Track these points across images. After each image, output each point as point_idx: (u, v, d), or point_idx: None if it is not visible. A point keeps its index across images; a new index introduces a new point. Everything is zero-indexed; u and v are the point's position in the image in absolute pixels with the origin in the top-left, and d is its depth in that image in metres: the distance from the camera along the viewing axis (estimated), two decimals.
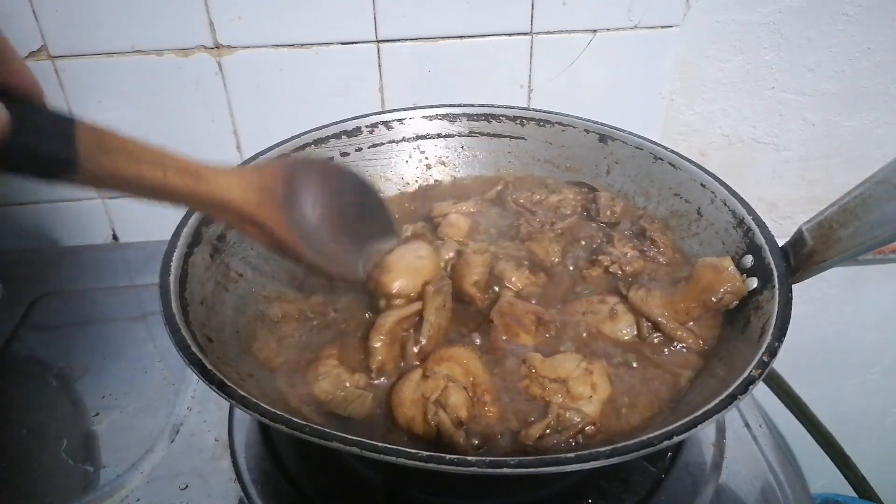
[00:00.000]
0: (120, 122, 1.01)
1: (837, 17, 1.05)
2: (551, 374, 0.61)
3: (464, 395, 0.58)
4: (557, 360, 0.63)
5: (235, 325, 0.67)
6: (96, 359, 0.85)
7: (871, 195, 0.55)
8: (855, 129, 1.17)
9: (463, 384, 0.59)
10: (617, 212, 0.83)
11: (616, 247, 0.77)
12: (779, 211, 1.26)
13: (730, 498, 0.68)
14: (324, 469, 0.69)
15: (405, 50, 1.01)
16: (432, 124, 0.92)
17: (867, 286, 1.35)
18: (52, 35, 0.93)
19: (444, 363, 0.61)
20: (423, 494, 0.66)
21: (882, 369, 1.49)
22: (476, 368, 0.61)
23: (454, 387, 0.58)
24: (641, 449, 0.47)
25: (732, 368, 0.57)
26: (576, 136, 0.89)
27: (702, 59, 1.07)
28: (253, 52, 0.97)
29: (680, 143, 1.16)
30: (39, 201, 1.08)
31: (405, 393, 0.59)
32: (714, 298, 0.65)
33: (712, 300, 0.65)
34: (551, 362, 0.62)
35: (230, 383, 0.51)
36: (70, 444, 0.74)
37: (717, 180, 0.76)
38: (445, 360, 0.61)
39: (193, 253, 0.66)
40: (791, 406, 1.17)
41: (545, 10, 0.99)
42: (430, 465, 0.45)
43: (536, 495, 0.67)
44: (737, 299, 0.65)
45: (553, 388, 0.60)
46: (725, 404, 0.50)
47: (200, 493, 0.67)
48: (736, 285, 0.64)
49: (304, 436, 0.47)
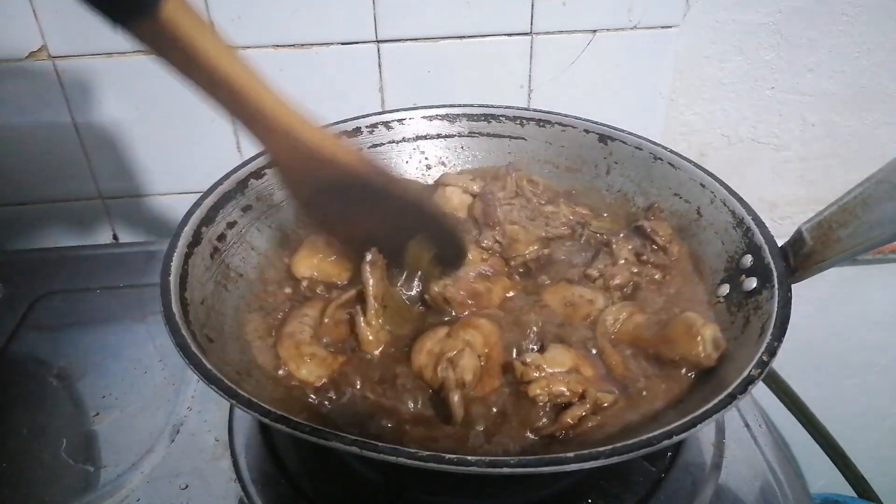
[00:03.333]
0: (120, 122, 1.02)
1: (837, 17, 1.05)
2: (561, 367, 0.61)
3: (475, 361, 0.61)
4: (554, 353, 0.63)
5: (235, 325, 0.68)
6: (96, 359, 0.85)
7: (870, 195, 0.55)
8: (855, 129, 1.17)
9: (479, 353, 0.62)
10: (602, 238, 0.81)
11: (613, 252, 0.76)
12: (778, 211, 1.26)
13: (729, 498, 0.68)
14: (324, 469, 0.69)
15: (405, 50, 1.01)
16: (432, 124, 0.92)
17: (867, 286, 1.35)
18: (52, 35, 0.93)
19: (468, 329, 0.65)
20: (423, 494, 0.66)
21: (882, 369, 1.49)
22: (496, 342, 0.64)
23: (469, 352, 0.62)
24: (641, 448, 0.47)
25: (732, 368, 0.57)
26: (576, 136, 0.89)
27: (702, 59, 1.07)
28: (253, 52, 0.97)
29: (680, 143, 1.16)
30: (39, 201, 1.08)
31: (426, 343, 0.64)
32: (669, 355, 0.62)
33: (667, 355, 0.62)
34: (552, 356, 0.62)
35: (230, 383, 0.51)
36: (70, 444, 0.74)
37: (716, 180, 0.76)
38: (472, 326, 0.65)
39: (193, 253, 0.66)
40: (791, 406, 1.17)
41: (545, 10, 0.99)
42: (430, 464, 0.45)
43: (536, 495, 0.67)
44: (694, 369, 0.61)
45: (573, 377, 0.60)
46: (725, 404, 0.50)
47: (200, 493, 0.67)
48: (696, 357, 0.60)
49: (304, 436, 0.47)
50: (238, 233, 0.75)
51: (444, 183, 0.87)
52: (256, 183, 0.78)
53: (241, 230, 0.75)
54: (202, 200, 0.71)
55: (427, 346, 0.63)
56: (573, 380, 0.60)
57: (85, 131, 1.02)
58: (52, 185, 1.06)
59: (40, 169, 1.04)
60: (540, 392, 0.59)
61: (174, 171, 1.07)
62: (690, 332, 0.61)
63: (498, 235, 0.77)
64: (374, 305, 0.66)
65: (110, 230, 1.13)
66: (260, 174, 0.79)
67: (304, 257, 0.75)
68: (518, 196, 0.84)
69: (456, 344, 0.62)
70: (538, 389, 0.59)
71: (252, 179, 0.78)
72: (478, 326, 0.65)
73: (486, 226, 0.79)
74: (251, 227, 0.77)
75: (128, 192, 1.09)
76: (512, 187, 0.85)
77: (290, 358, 0.64)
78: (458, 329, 0.65)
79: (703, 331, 0.60)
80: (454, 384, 0.59)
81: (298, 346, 0.64)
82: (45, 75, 0.96)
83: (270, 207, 0.80)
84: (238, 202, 0.76)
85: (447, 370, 0.60)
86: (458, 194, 0.85)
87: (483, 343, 0.64)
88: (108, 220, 1.11)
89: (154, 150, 1.05)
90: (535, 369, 0.61)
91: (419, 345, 0.64)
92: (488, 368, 0.63)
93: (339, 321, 0.68)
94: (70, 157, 1.03)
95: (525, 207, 0.83)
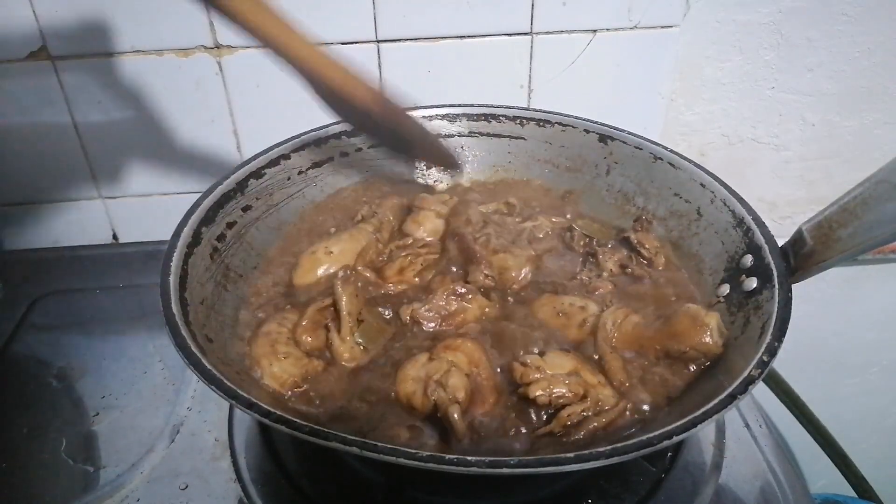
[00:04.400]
0: (120, 121, 1.02)
1: (837, 17, 1.05)
2: (562, 370, 0.61)
3: (464, 379, 0.60)
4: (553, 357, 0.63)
5: (235, 325, 0.68)
6: (96, 359, 0.85)
7: (870, 195, 0.55)
8: (855, 129, 1.17)
9: (466, 372, 0.61)
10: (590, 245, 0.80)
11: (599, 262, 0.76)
12: (779, 211, 1.26)
13: (729, 498, 0.68)
14: (324, 469, 0.69)
15: (405, 50, 1.00)
16: (432, 124, 0.92)
17: (867, 286, 1.35)
18: (52, 35, 0.93)
19: (450, 351, 0.63)
20: (423, 494, 0.66)
21: (882, 369, 1.49)
22: (480, 360, 0.63)
23: (456, 371, 0.60)
24: (641, 449, 0.47)
25: (732, 368, 0.57)
26: (575, 136, 0.89)
27: (702, 59, 1.07)
28: (253, 52, 0.97)
29: (680, 143, 1.16)
30: (39, 201, 1.08)
31: (409, 371, 0.62)
32: (678, 348, 0.62)
33: (675, 349, 0.62)
34: (552, 360, 0.62)
35: (230, 383, 0.51)
36: (70, 444, 0.74)
37: (716, 180, 0.76)
38: (452, 348, 0.64)
39: (193, 253, 0.66)
40: (791, 406, 1.17)
41: (545, 10, 0.99)
42: (430, 465, 0.45)
43: (536, 495, 0.67)
44: (705, 359, 0.62)
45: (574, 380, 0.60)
46: (725, 404, 0.50)
47: (200, 493, 0.67)
48: (706, 345, 0.61)
49: (304, 436, 0.47)
50: (238, 233, 0.75)
51: (419, 206, 0.84)
52: (256, 183, 0.78)
53: (241, 230, 0.75)
54: (202, 200, 0.71)
55: (411, 374, 0.61)
56: (574, 381, 0.59)
57: (85, 131, 1.02)
58: (52, 185, 1.06)
59: (40, 169, 1.04)
60: (541, 392, 0.58)
61: (174, 171, 1.07)
62: (696, 322, 0.62)
63: (486, 269, 0.73)
64: (349, 321, 0.66)
65: (110, 230, 1.13)
66: (260, 174, 0.79)
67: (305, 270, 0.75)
68: (487, 224, 0.81)
69: (441, 366, 0.61)
70: (539, 390, 0.58)
71: (252, 179, 0.78)
72: (459, 347, 0.64)
73: (471, 263, 0.74)
74: (251, 227, 0.77)
75: (128, 192, 1.09)
76: (478, 219, 0.81)
77: (262, 355, 0.63)
78: (440, 352, 0.63)
79: (707, 319, 0.62)
80: (449, 401, 0.57)
81: (273, 344, 0.64)
82: (45, 75, 0.96)
83: (270, 207, 0.80)
84: (238, 202, 0.76)
85: (437, 391, 0.58)
86: (432, 219, 0.83)
87: (468, 363, 0.62)
88: (108, 220, 1.11)
89: (154, 150, 1.05)
90: (536, 370, 0.60)
91: (402, 374, 0.62)
92: (479, 389, 0.60)
93: (318, 325, 0.67)
94: (70, 157, 1.03)
95: (501, 234, 0.79)
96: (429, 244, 0.79)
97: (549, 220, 0.84)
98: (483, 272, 0.73)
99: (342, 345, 0.65)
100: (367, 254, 0.77)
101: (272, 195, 0.80)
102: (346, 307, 0.66)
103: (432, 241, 0.81)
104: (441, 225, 0.82)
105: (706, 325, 0.61)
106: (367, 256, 0.77)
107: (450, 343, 0.64)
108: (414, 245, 0.79)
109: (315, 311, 0.67)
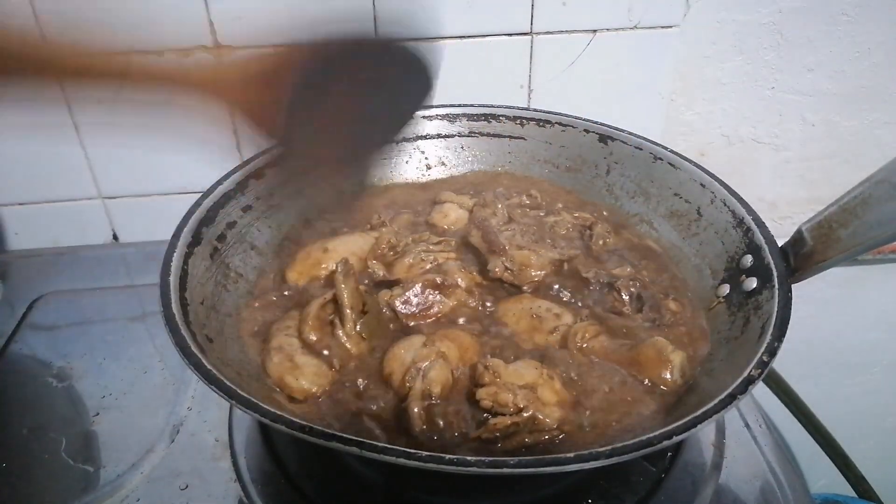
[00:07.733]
0: (120, 122, 1.01)
1: (837, 17, 1.05)
2: (519, 381, 0.60)
3: (446, 374, 0.61)
4: (519, 366, 0.62)
5: (235, 325, 0.68)
6: (96, 359, 0.85)
7: (870, 195, 0.55)
8: (855, 129, 1.17)
9: (452, 366, 0.62)
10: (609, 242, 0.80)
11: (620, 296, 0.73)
12: (779, 211, 1.26)
13: (729, 498, 0.68)
14: (324, 469, 0.69)
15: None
16: (432, 124, 0.92)
17: (867, 286, 1.35)
18: (51, 35, 0.93)
19: (445, 340, 0.64)
20: (423, 494, 0.66)
21: (882, 369, 1.49)
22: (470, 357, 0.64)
23: (442, 364, 0.61)
24: (641, 449, 0.47)
25: (732, 368, 0.57)
26: (576, 136, 0.89)
27: (702, 59, 1.07)
28: (253, 52, 0.97)
29: (680, 143, 1.16)
30: (39, 201, 1.08)
31: (400, 350, 0.64)
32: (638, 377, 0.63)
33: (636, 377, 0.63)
34: (515, 369, 0.61)
35: (230, 383, 0.51)
36: (70, 444, 0.74)
37: (716, 180, 0.76)
38: (449, 339, 0.64)
39: (193, 253, 0.67)
40: (791, 406, 1.17)
41: (545, 11, 0.99)
42: (430, 465, 0.45)
43: (536, 495, 0.67)
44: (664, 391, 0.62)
45: (524, 393, 0.59)
46: (725, 404, 0.50)
47: (200, 493, 0.67)
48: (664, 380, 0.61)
49: (304, 436, 0.47)
50: (238, 233, 0.75)
51: (442, 200, 0.86)
52: (256, 183, 0.78)
53: (241, 230, 0.75)
54: (202, 200, 0.71)
55: (401, 353, 0.63)
56: (523, 395, 0.58)
57: (85, 131, 1.02)
58: (52, 185, 1.06)
59: (40, 169, 1.04)
60: (485, 397, 0.58)
61: (174, 171, 1.07)
62: (661, 356, 0.62)
63: (507, 262, 0.73)
64: (350, 315, 0.66)
65: (110, 230, 1.13)
66: (260, 174, 0.79)
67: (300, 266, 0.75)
68: (511, 221, 0.81)
69: (429, 354, 0.61)
70: (484, 394, 0.59)
71: (252, 179, 0.78)
72: (456, 339, 0.64)
73: (492, 253, 0.75)
74: (251, 227, 0.77)
75: (128, 192, 1.09)
76: (504, 214, 0.82)
77: (284, 372, 0.62)
78: (435, 339, 0.64)
79: (672, 356, 0.62)
80: (419, 395, 0.58)
81: (291, 358, 0.63)
82: None
83: (270, 207, 0.80)
84: (238, 202, 0.76)
85: (415, 379, 0.59)
86: (455, 210, 0.85)
87: (458, 357, 0.63)
88: (108, 220, 1.11)
89: (154, 150, 1.05)
90: (492, 374, 0.60)
91: (392, 352, 0.64)
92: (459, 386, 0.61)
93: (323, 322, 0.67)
94: (70, 157, 1.03)
95: (526, 232, 0.79)
96: (444, 241, 0.79)
97: (570, 216, 0.84)
98: (504, 264, 0.73)
99: (349, 340, 0.66)
100: (380, 247, 0.78)
101: (273, 195, 0.80)
102: (348, 301, 0.66)
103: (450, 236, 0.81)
104: (465, 216, 0.84)
105: (670, 361, 0.62)
106: (377, 251, 0.77)
107: (447, 332, 0.66)
108: (429, 241, 0.79)
109: (318, 308, 0.67)
